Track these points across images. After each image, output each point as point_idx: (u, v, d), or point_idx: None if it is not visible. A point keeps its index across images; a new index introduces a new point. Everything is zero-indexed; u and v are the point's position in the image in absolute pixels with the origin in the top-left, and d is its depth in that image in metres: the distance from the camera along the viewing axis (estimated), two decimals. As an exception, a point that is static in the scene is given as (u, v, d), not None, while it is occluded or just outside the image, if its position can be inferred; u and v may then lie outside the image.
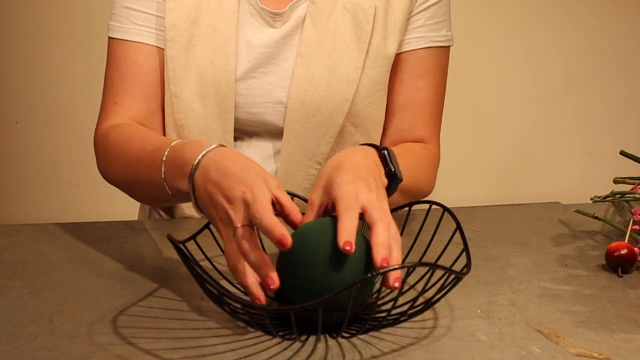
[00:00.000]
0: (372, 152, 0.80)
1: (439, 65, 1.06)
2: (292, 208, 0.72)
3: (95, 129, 1.03)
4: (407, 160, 0.91)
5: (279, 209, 0.71)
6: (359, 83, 1.01)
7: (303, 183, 1.04)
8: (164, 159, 0.83)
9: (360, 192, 0.70)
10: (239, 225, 0.68)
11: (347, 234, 0.65)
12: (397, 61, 1.05)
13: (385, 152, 0.80)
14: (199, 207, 0.76)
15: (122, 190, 1.00)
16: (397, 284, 0.65)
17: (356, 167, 0.74)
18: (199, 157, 0.75)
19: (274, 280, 0.66)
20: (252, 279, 0.68)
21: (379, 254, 0.65)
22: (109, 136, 0.99)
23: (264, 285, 0.67)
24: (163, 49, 1.02)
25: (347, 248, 0.64)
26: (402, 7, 1.02)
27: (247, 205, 0.68)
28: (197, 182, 0.74)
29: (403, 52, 1.04)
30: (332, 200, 0.71)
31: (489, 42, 2.40)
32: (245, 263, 0.68)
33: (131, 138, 0.95)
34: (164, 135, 1.04)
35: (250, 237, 0.68)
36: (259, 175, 0.71)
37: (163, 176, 0.83)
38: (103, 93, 1.04)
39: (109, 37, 1.04)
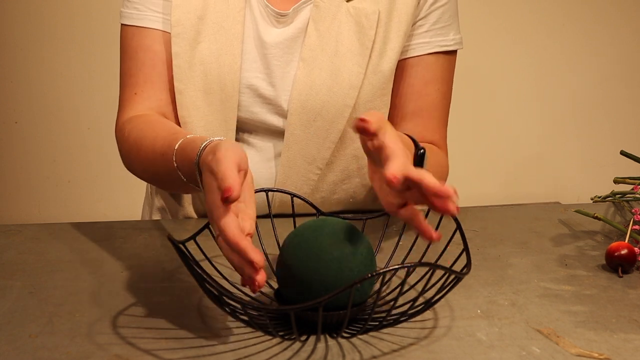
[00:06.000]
0: (411, 146, 0.82)
1: (446, 70, 1.05)
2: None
3: (116, 121, 1.02)
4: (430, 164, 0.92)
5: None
6: (360, 88, 1.00)
7: (303, 188, 1.03)
8: (176, 147, 0.81)
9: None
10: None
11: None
12: (405, 67, 1.04)
13: (424, 152, 0.83)
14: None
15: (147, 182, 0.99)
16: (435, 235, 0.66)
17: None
18: (206, 142, 0.74)
19: (258, 282, 0.63)
20: (247, 268, 0.64)
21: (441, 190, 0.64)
22: (125, 130, 0.98)
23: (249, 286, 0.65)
24: None
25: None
26: (406, 12, 1.00)
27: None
28: (201, 165, 0.73)
29: (410, 58, 1.03)
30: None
31: (494, 47, 2.41)
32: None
33: (145, 133, 0.93)
34: None
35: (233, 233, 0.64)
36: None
37: (175, 164, 0.81)
38: (121, 83, 1.02)
39: (123, 25, 1.02)
